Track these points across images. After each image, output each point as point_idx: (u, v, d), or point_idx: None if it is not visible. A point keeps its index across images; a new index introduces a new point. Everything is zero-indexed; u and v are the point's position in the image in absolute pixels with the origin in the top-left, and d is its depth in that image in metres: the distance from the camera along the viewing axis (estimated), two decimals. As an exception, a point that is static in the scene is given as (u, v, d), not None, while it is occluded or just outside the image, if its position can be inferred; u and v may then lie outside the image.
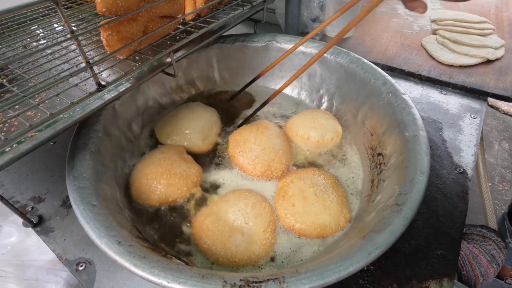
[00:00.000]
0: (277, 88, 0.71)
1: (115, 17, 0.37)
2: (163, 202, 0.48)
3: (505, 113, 1.84)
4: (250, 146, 0.53)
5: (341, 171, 0.54)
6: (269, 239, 0.43)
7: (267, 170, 0.52)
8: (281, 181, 0.51)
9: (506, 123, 1.79)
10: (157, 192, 0.47)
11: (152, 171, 0.49)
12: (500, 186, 1.46)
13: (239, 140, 0.55)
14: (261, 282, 0.29)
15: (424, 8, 0.38)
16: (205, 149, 0.57)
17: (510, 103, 1.86)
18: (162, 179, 0.48)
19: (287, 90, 0.71)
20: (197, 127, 0.58)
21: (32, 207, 0.48)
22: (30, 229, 0.46)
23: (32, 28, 0.59)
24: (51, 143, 0.58)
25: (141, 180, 0.48)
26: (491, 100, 0.69)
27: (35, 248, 0.65)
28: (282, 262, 0.42)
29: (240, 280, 0.29)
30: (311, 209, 0.44)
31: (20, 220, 0.46)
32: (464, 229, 0.48)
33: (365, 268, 0.39)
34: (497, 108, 1.86)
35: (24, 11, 0.62)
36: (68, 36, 0.33)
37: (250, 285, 0.28)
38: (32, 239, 0.65)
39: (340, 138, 0.58)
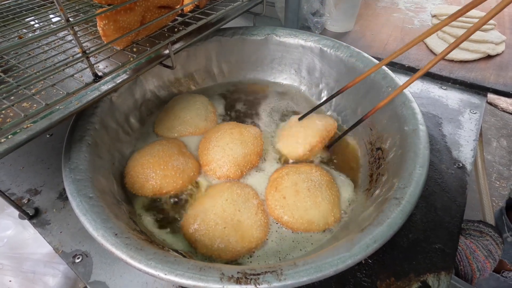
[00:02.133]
0: (277, 80, 0.71)
1: (112, 6, 0.37)
2: (156, 193, 0.47)
3: (504, 111, 1.84)
4: (211, 138, 0.54)
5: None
6: (262, 220, 0.44)
7: (207, 166, 0.51)
8: (276, 172, 0.51)
9: (505, 120, 1.80)
10: (152, 182, 0.47)
11: (149, 161, 0.49)
12: (498, 183, 1.47)
13: (210, 133, 0.56)
14: (258, 274, 0.29)
15: None
16: (211, 127, 0.59)
17: (509, 101, 1.86)
18: (158, 170, 0.48)
19: (287, 82, 0.71)
20: (196, 112, 0.60)
21: (28, 200, 0.48)
22: (27, 222, 0.46)
23: (28, 19, 0.58)
24: (47, 136, 0.58)
25: (136, 169, 0.48)
26: (490, 98, 0.69)
27: (32, 241, 0.64)
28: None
29: (238, 272, 0.29)
30: (302, 204, 0.44)
31: (17, 213, 0.45)
32: (462, 224, 0.48)
33: (363, 262, 0.39)
34: (495, 106, 1.85)
35: (19, 1, 0.61)
36: (64, 25, 0.32)
37: (247, 277, 0.28)
38: (29, 232, 0.65)
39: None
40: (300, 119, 0.53)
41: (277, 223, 0.45)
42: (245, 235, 0.42)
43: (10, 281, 0.62)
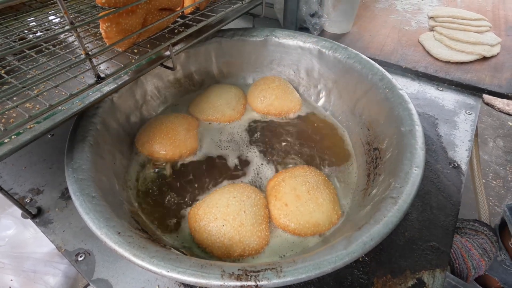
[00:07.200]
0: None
1: (114, 9, 0.37)
2: (149, 154, 0.55)
3: (500, 111, 1.86)
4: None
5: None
6: (264, 232, 0.43)
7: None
8: (272, 180, 0.50)
9: (501, 120, 1.81)
10: (149, 143, 0.54)
11: (156, 126, 0.56)
12: (494, 182, 1.48)
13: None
14: (258, 271, 0.29)
15: None
16: (237, 117, 0.63)
17: (505, 101, 1.88)
18: (158, 136, 0.55)
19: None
20: (226, 100, 0.64)
21: (31, 199, 0.48)
22: (28, 222, 0.47)
23: (28, 19, 0.58)
24: (49, 136, 0.58)
25: (145, 130, 0.56)
26: (486, 98, 0.70)
27: (33, 240, 0.65)
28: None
29: (238, 269, 0.30)
30: (305, 208, 0.44)
31: (18, 213, 0.46)
32: (458, 223, 0.49)
33: (360, 259, 0.40)
34: (492, 106, 1.88)
35: (20, 1, 0.61)
36: (67, 27, 0.33)
37: (248, 274, 0.29)
38: (30, 231, 0.65)
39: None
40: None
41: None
42: (242, 241, 0.41)
43: (11, 280, 0.63)
